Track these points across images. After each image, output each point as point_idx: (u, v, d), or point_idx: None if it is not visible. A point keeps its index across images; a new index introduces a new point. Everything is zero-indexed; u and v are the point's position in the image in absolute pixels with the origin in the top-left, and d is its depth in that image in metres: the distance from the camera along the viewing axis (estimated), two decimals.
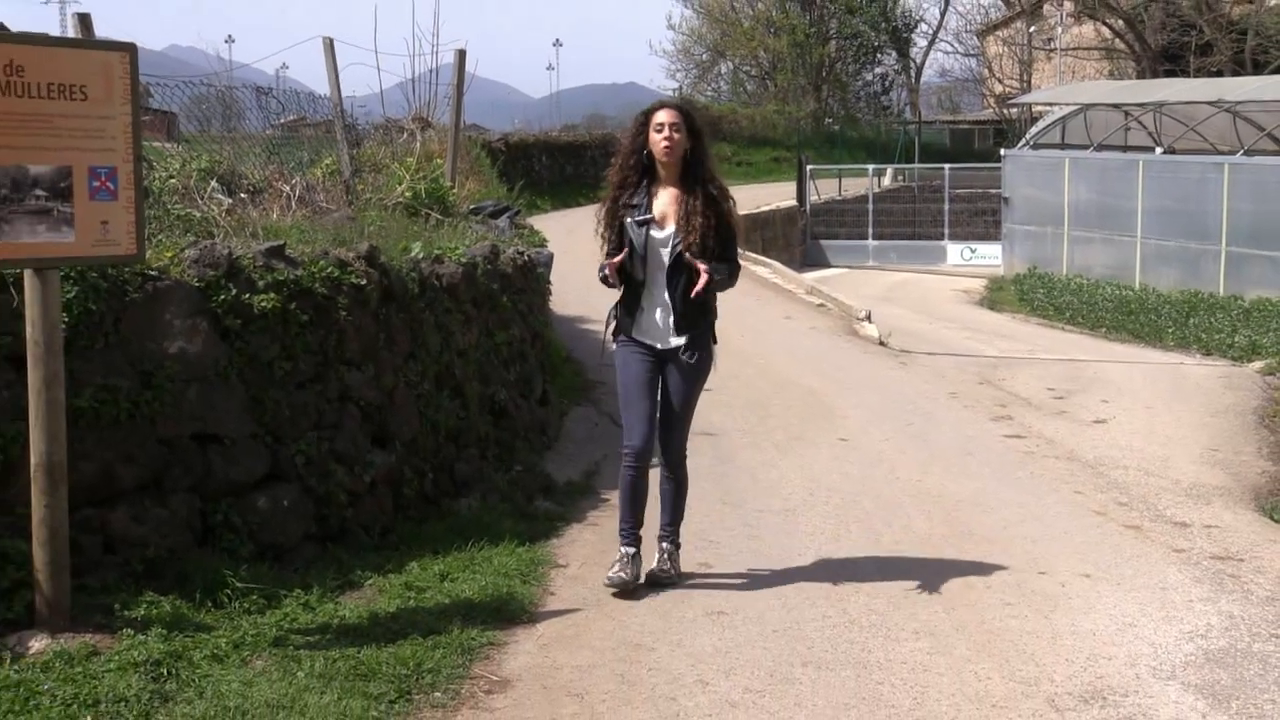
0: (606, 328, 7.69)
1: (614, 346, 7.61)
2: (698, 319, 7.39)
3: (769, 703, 5.89)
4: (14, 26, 6.49)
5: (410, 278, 9.35)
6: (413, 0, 16.06)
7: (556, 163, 37.22)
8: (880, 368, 16.22)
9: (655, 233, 7.28)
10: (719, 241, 7.24)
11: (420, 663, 6.22)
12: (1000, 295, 25.71)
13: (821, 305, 21.69)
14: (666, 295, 7.35)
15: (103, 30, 6.59)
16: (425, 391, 9.34)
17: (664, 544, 7.74)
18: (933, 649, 6.54)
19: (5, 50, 6.19)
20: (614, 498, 9.85)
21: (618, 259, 7.28)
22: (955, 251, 35.50)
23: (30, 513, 6.39)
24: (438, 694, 5.97)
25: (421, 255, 9.88)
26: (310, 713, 5.64)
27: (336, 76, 14.90)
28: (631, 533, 7.58)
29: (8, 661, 6.02)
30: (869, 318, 19.45)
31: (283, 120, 16.77)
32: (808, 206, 37.79)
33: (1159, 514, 9.21)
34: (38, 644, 6.21)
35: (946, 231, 36.84)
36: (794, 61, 56.36)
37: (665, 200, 7.34)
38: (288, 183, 11.32)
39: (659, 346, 7.43)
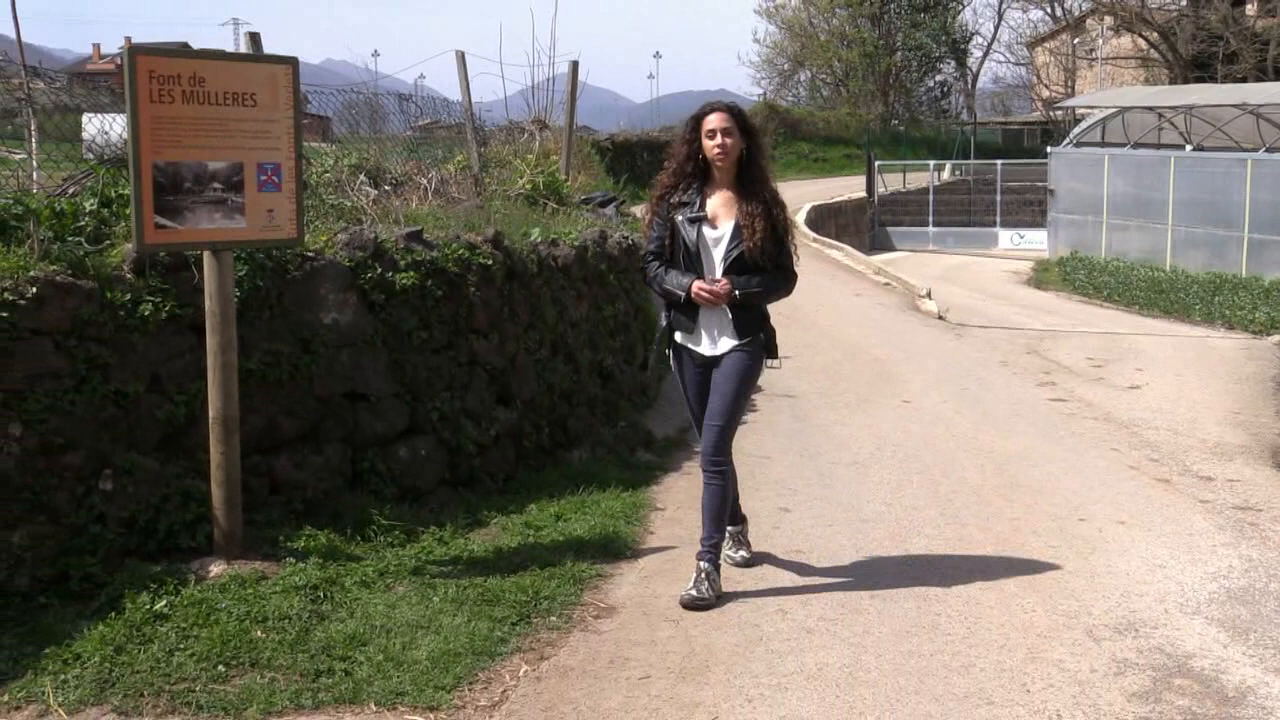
0: (659, 333, 6.59)
1: (668, 351, 6.56)
2: (756, 323, 6.29)
3: (840, 629, 5.83)
4: (195, 44, 6.51)
5: (530, 259, 9.34)
6: (533, 20, 16.14)
7: (656, 159, 36.96)
8: (939, 339, 16.06)
9: (708, 231, 6.21)
10: (774, 247, 6.18)
11: (538, 591, 6.23)
12: (1045, 276, 25.39)
13: (887, 284, 21.54)
14: None
15: (270, 46, 6.61)
16: (542, 357, 9.33)
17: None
18: (984, 585, 6.45)
19: (190, 65, 6.22)
20: None
21: (702, 287, 6.14)
22: (1006, 237, 35.14)
23: (209, 458, 6.47)
24: (553, 618, 5.97)
25: (540, 239, 9.87)
26: (444, 631, 5.67)
27: (467, 85, 14.93)
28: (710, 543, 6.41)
29: (191, 583, 6.12)
30: (929, 295, 19.30)
31: (420, 123, 16.83)
32: (875, 197, 37.51)
33: (1186, 469, 9.05)
34: (216, 569, 6.29)
35: (998, 219, 36.46)
36: (864, 70, 56.06)
37: (718, 201, 6.26)
38: (425, 177, 11.33)
39: (707, 354, 6.32)
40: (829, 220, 31.33)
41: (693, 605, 6.09)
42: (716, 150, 6.17)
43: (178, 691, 5.16)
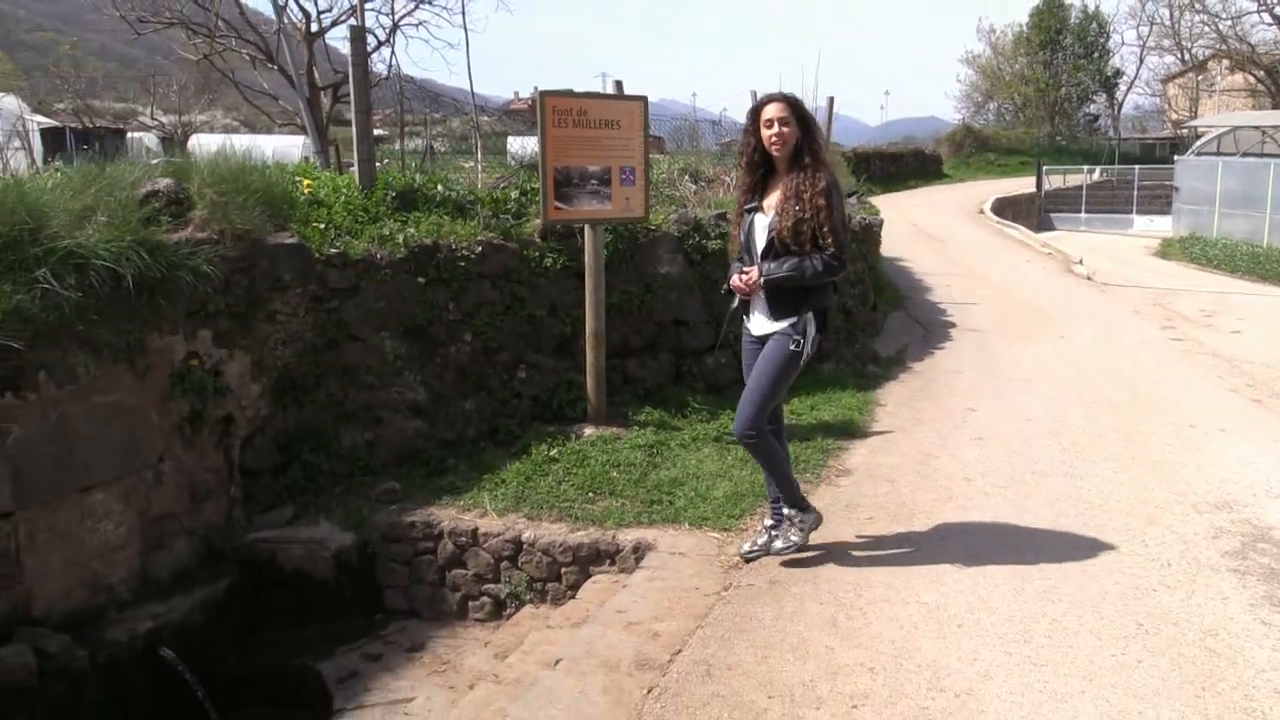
0: (731, 308, 4.79)
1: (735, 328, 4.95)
2: (791, 308, 4.46)
3: (1008, 494, 5.66)
4: (577, 88, 6.73)
5: None
6: (802, 64, 15.93)
7: (884, 165, 35.96)
8: (1087, 293, 15.05)
9: (758, 219, 4.55)
10: (813, 230, 4.35)
11: (798, 456, 6.25)
12: (1169, 250, 23.33)
13: (1049, 253, 20.29)
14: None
15: (627, 89, 6.76)
16: None
17: (766, 521, 4.89)
18: (1116, 469, 6.12)
19: (578, 102, 6.41)
20: (917, 367, 9.59)
21: (735, 280, 4.56)
22: (1140, 222, 32.50)
23: (585, 360, 6.71)
24: (808, 475, 5.99)
25: None
26: (734, 479, 5.78)
27: None
28: (772, 506, 4.89)
29: (573, 439, 6.39)
30: (1081, 261, 18.13)
31: (725, 140, 16.84)
32: (1042, 192, 35.27)
33: (1275, 393, 8.27)
34: (588, 431, 6.54)
35: (1134, 209, 33.77)
36: (1037, 101, 52.77)
37: (776, 190, 4.54)
38: (728, 176, 11.34)
39: (755, 332, 4.65)
40: (1007, 208, 29.78)
41: (745, 557, 4.73)
42: (774, 139, 4.47)
43: (563, 507, 5.45)
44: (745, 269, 4.53)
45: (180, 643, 4.70)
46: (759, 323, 4.60)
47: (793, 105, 4.49)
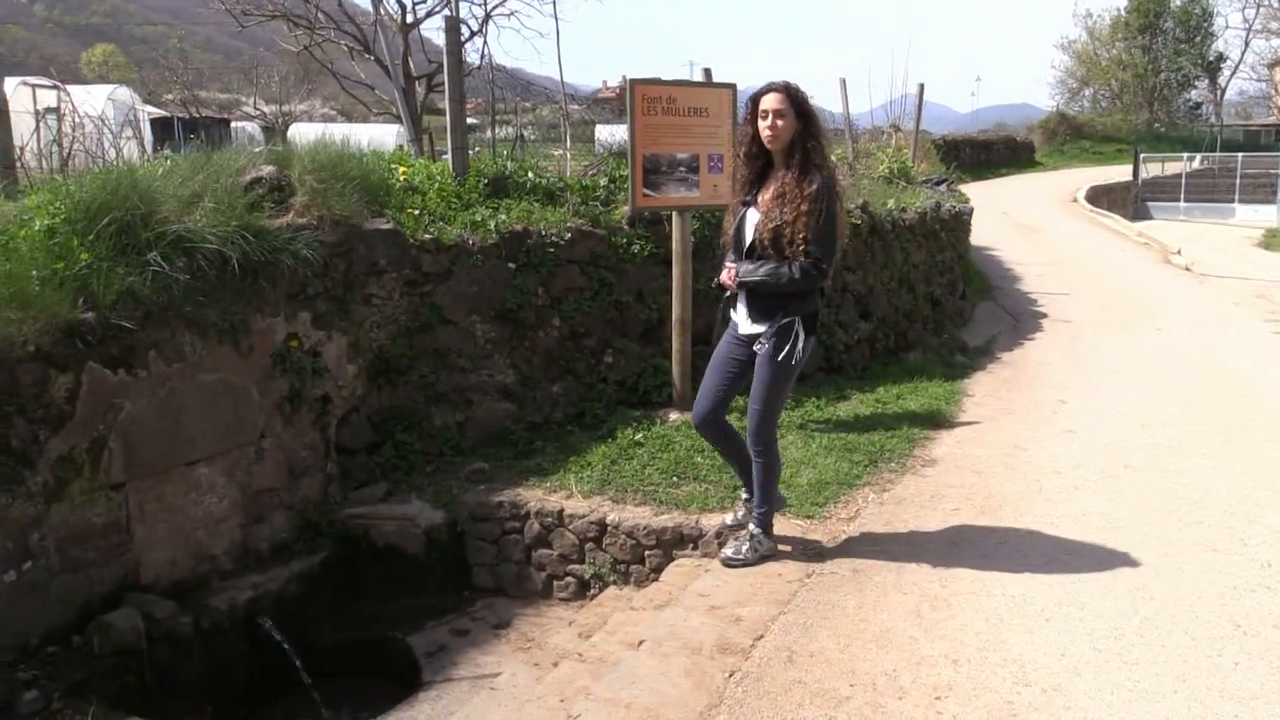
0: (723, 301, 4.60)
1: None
2: (771, 310, 4.23)
3: (1100, 488, 5.51)
4: (665, 76, 6.72)
5: (886, 220, 9.13)
6: (893, 54, 15.78)
7: (975, 153, 35.13)
8: (1185, 284, 14.53)
9: (750, 214, 4.28)
10: (796, 232, 4.08)
11: (883, 445, 6.18)
12: (1273, 240, 22.33)
13: (1145, 243, 19.62)
14: None
15: (718, 77, 6.73)
16: (892, 288, 9.14)
17: (752, 526, 4.60)
18: (1214, 465, 5.91)
19: (667, 89, 6.40)
20: (1006, 357, 9.38)
21: (724, 276, 4.41)
22: (1242, 211, 31.14)
23: (670, 345, 6.72)
24: (893, 464, 5.92)
25: (893, 207, 9.63)
26: (819, 467, 5.72)
27: (846, 101, 14.65)
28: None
29: (658, 424, 6.41)
30: (1179, 252, 17.48)
31: None
32: (1139, 180, 34.10)
33: None
34: (673, 416, 6.55)
35: (1236, 197, 32.38)
36: (1135, 87, 50.97)
37: (771, 185, 4.24)
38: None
39: (741, 330, 4.40)
40: (1102, 197, 28.87)
41: (727, 563, 4.52)
42: (767, 131, 4.16)
43: (648, 491, 5.47)
44: (729, 265, 4.38)
45: (277, 612, 4.85)
46: (741, 320, 4.42)
47: (792, 96, 4.19)
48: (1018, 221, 20.78)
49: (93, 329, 4.29)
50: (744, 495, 4.79)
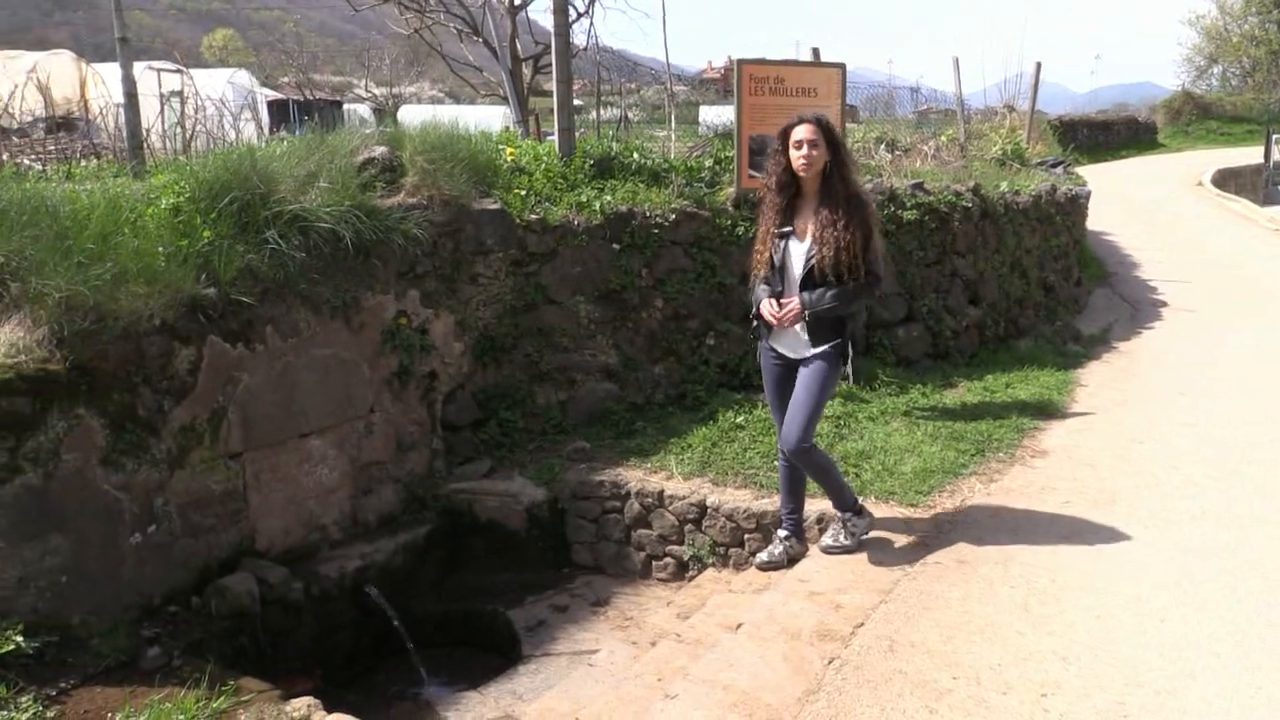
0: (751, 325, 4.64)
1: (761, 343, 4.62)
2: (829, 333, 4.39)
3: (1221, 485, 5.28)
4: (770, 56, 6.65)
5: (998, 203, 8.88)
6: (1009, 32, 15.36)
7: (1092, 134, 33.86)
8: None
9: (793, 244, 4.38)
10: (854, 255, 4.28)
11: (991, 435, 6.04)
12: None
13: (1276, 229, 18.70)
14: None
15: (825, 56, 6.63)
16: (1003, 273, 8.89)
17: (780, 530, 4.79)
18: None
19: (775, 69, 6.34)
20: (1122, 347, 9.06)
21: (769, 310, 4.42)
22: None
23: None
24: (1001, 454, 5.77)
25: (1006, 190, 9.37)
26: (923, 455, 5.61)
27: (959, 81, 14.29)
28: (788, 517, 4.76)
29: (759, 406, 6.33)
30: None
31: (922, 108, 16.32)
32: (1270, 163, 32.44)
33: None
34: None
35: None
36: (1269, 64, 48.40)
37: (806, 214, 4.38)
38: (925, 145, 10.98)
39: (792, 356, 4.47)
40: (1230, 180, 27.46)
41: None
42: (801, 161, 4.32)
43: (748, 474, 5.45)
44: (784, 299, 4.40)
45: (384, 581, 4.99)
46: (792, 346, 4.47)
47: (823, 128, 4.37)
48: (1138, 205, 19.98)
49: (214, 304, 4.46)
50: (781, 533, 4.77)
